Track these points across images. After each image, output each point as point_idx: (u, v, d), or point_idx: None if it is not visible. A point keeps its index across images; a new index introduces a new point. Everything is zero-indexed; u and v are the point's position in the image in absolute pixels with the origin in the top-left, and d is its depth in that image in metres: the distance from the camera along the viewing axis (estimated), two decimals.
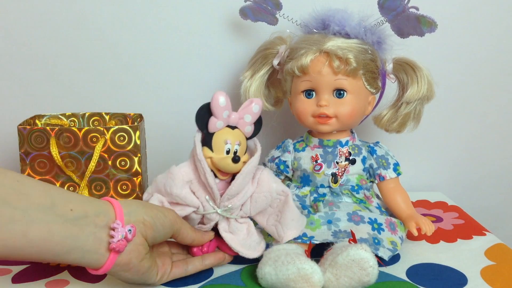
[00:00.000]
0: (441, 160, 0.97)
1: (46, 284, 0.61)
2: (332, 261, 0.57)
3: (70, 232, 0.49)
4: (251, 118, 0.61)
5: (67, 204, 0.50)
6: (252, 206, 0.62)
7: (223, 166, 0.59)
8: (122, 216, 0.53)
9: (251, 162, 0.59)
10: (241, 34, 0.87)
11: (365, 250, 0.56)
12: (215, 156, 0.58)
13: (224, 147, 0.59)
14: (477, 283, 0.60)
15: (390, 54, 0.72)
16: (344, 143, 0.71)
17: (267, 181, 0.62)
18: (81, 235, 0.50)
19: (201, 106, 0.59)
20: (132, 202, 0.57)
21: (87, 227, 0.51)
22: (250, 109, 0.61)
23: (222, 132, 0.59)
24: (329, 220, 0.65)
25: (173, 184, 0.58)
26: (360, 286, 0.56)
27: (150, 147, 0.77)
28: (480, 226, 0.78)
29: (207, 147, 0.59)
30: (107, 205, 0.54)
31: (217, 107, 0.58)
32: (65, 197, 0.51)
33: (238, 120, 0.61)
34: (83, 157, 0.65)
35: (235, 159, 0.58)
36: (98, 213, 0.52)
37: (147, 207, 0.57)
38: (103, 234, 0.52)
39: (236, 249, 0.62)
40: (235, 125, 0.61)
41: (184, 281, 0.61)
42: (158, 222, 0.56)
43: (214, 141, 0.59)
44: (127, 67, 0.89)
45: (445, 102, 0.90)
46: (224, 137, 0.59)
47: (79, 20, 0.86)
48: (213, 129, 0.59)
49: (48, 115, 0.74)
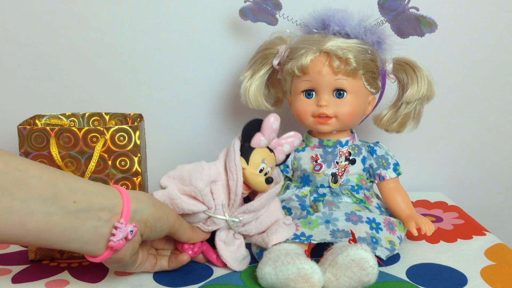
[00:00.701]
0: (441, 160, 0.97)
1: (46, 284, 0.61)
2: (332, 261, 0.57)
3: (71, 224, 0.49)
4: (289, 149, 0.66)
5: (71, 195, 0.49)
6: (255, 227, 0.64)
7: (253, 181, 0.61)
8: (128, 213, 0.53)
9: (276, 188, 0.63)
10: (241, 34, 0.87)
11: (365, 250, 0.56)
12: (249, 169, 0.61)
13: (260, 165, 0.61)
14: (477, 283, 0.60)
15: (390, 54, 0.72)
16: (344, 143, 0.71)
17: (276, 209, 0.65)
18: (81, 227, 0.50)
19: (253, 120, 0.62)
20: (142, 197, 0.56)
21: (89, 220, 0.50)
22: (292, 141, 0.66)
23: (262, 150, 0.62)
24: (327, 220, 0.65)
25: (200, 178, 0.59)
26: (360, 286, 0.56)
27: (150, 147, 0.77)
28: (480, 226, 0.78)
29: (243, 158, 0.61)
30: (116, 197, 0.53)
31: (268, 127, 0.61)
32: (71, 187, 0.50)
33: (277, 145, 0.64)
34: (83, 157, 0.65)
35: (268, 180, 0.61)
36: (104, 206, 0.51)
37: (155, 207, 0.56)
38: (105, 229, 0.51)
39: (226, 260, 0.63)
40: (273, 149, 0.64)
41: (184, 281, 0.62)
42: (159, 225, 0.57)
43: (252, 156, 0.61)
44: (127, 67, 0.89)
45: (445, 102, 0.90)
46: (263, 156, 0.62)
47: (79, 20, 0.86)
48: (256, 144, 0.62)
49: (48, 115, 0.74)
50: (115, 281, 0.62)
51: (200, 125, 0.91)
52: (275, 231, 0.63)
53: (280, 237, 0.63)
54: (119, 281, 0.62)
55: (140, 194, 0.57)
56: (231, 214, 0.62)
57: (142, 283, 0.61)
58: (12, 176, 0.46)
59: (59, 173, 0.50)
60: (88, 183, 0.53)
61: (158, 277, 0.63)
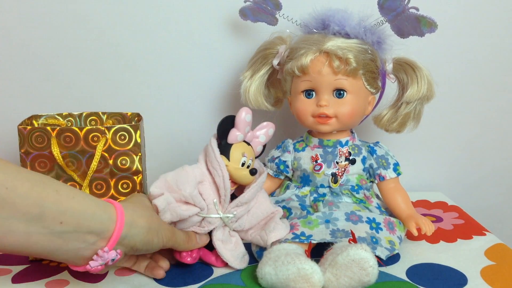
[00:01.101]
0: (441, 160, 0.97)
1: (46, 284, 0.61)
2: (332, 261, 0.57)
3: (53, 244, 0.48)
4: (265, 139, 0.67)
5: (59, 216, 0.47)
6: (248, 220, 0.65)
7: (238, 176, 0.62)
8: (116, 241, 0.51)
9: (262, 177, 0.64)
10: (241, 34, 0.87)
11: (365, 250, 0.56)
12: (231, 165, 0.61)
13: (240, 159, 0.62)
14: (477, 283, 0.60)
15: (390, 54, 0.72)
16: (344, 143, 0.71)
17: (264, 199, 0.66)
18: (63, 247, 0.49)
19: (226, 117, 0.62)
20: (138, 222, 0.54)
21: (73, 242, 0.49)
22: (266, 131, 0.67)
23: (240, 145, 0.63)
24: (327, 219, 0.65)
25: (186, 182, 0.59)
26: (360, 286, 0.56)
27: (149, 147, 0.77)
28: (480, 226, 0.78)
29: (223, 155, 0.62)
30: (109, 221, 0.51)
31: (242, 121, 0.62)
32: (60, 208, 0.47)
33: (252, 138, 0.65)
34: (83, 157, 0.65)
35: (252, 171, 0.62)
36: (92, 230, 0.50)
37: (149, 233, 0.55)
38: (88, 251, 0.50)
39: (227, 259, 0.63)
40: (250, 142, 0.64)
41: (184, 281, 0.62)
42: (146, 248, 0.56)
43: (232, 152, 0.62)
44: (126, 67, 0.89)
45: (445, 102, 0.90)
46: (242, 150, 0.63)
47: (79, 20, 0.86)
48: (232, 140, 0.62)
49: (45, 115, 0.74)
50: (115, 281, 0.62)
51: (200, 125, 0.91)
52: (273, 229, 0.63)
53: (278, 234, 0.63)
54: (119, 281, 0.62)
55: (137, 217, 0.54)
56: (225, 211, 0.62)
57: (142, 283, 0.61)
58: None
59: (51, 190, 0.48)
60: (83, 202, 0.50)
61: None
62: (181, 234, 0.60)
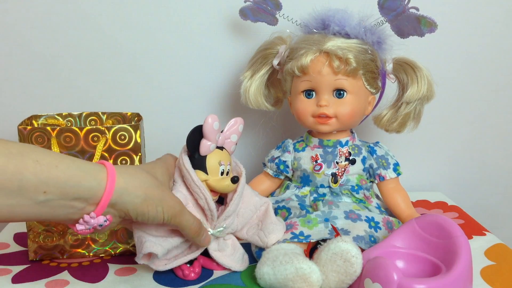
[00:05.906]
0: (441, 160, 0.97)
1: (46, 284, 0.61)
2: (317, 258, 0.57)
3: (39, 212, 0.47)
4: (237, 137, 0.63)
5: (40, 186, 0.45)
6: (238, 221, 0.63)
7: (221, 187, 0.59)
8: (104, 207, 0.49)
9: (242, 182, 0.62)
10: (241, 34, 0.87)
11: (345, 241, 0.56)
12: (211, 178, 0.59)
13: (219, 169, 0.60)
14: (477, 283, 0.60)
15: (390, 54, 0.72)
16: (344, 143, 0.71)
17: (250, 196, 0.64)
18: (51, 213, 0.48)
19: (192, 130, 0.59)
20: (132, 189, 0.51)
21: (61, 208, 0.48)
22: (236, 129, 0.63)
23: (214, 154, 0.60)
24: (326, 218, 0.65)
25: None
26: (349, 279, 0.56)
27: (149, 147, 0.77)
28: (480, 226, 0.78)
29: (200, 170, 0.59)
30: (98, 187, 0.49)
31: (210, 131, 0.58)
32: (41, 178, 0.45)
33: (224, 140, 0.62)
34: (84, 157, 0.65)
35: (234, 180, 0.59)
36: (79, 196, 0.48)
37: (144, 203, 0.52)
38: (77, 215, 0.49)
39: (228, 265, 0.63)
40: (222, 146, 0.62)
41: (184, 281, 0.62)
42: (142, 218, 0.53)
43: (208, 164, 0.59)
44: (126, 67, 0.89)
45: (445, 102, 0.90)
46: (218, 158, 0.60)
47: (79, 20, 0.86)
48: (205, 152, 0.59)
49: (45, 115, 0.74)
50: (115, 281, 0.62)
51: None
52: (272, 230, 0.63)
53: (277, 235, 0.63)
54: (119, 281, 0.62)
55: (132, 185, 0.51)
56: (214, 226, 0.61)
57: (142, 283, 0.62)
58: None
59: (30, 161, 0.45)
60: (67, 171, 0.47)
61: (158, 278, 0.63)
62: (190, 218, 0.57)
